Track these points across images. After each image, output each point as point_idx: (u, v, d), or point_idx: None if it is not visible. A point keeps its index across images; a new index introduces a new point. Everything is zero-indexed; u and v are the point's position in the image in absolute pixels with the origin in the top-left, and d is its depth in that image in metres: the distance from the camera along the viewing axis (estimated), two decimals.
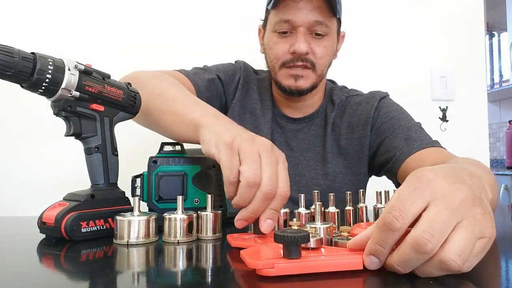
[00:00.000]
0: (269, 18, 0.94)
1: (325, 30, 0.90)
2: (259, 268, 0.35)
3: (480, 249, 0.34)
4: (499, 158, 3.38)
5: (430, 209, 0.34)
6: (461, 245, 0.33)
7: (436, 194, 0.35)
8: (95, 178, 0.57)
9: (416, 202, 0.34)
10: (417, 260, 0.33)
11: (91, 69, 0.54)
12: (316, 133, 1.00)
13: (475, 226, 0.34)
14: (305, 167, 0.97)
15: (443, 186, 0.35)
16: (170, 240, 0.49)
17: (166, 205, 0.59)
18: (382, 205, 0.57)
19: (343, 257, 0.37)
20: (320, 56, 0.91)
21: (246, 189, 0.48)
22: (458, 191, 0.35)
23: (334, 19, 0.92)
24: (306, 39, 0.89)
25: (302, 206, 0.54)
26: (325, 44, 0.91)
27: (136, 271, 0.40)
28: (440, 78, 1.53)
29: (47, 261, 0.45)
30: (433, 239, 0.32)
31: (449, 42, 1.55)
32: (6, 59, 0.45)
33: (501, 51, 3.43)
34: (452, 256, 0.32)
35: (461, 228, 0.33)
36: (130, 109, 0.61)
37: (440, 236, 0.33)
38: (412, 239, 0.33)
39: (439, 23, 1.55)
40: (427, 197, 0.34)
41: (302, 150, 0.99)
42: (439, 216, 0.33)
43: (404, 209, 0.34)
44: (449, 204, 0.34)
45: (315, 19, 0.88)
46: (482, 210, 0.35)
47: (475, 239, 0.34)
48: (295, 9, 0.88)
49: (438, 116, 1.52)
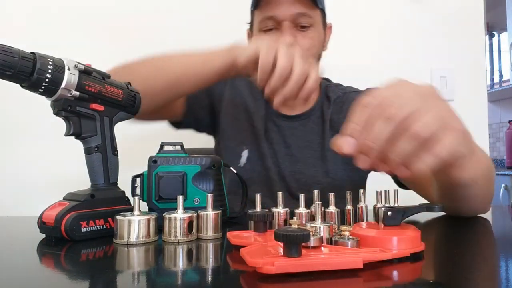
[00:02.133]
0: (254, 19, 0.96)
1: (309, 21, 0.91)
2: (259, 266, 0.34)
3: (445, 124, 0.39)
4: (499, 158, 3.38)
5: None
6: (427, 121, 0.37)
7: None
8: (95, 178, 0.57)
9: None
10: (386, 129, 0.38)
11: (91, 69, 0.54)
12: (313, 130, 0.99)
13: (439, 114, 0.39)
14: (304, 165, 0.96)
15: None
16: (170, 240, 0.49)
17: (166, 205, 0.59)
18: (382, 205, 0.57)
19: (343, 255, 0.37)
20: (307, 47, 0.91)
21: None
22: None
23: (317, 10, 0.93)
24: (291, 32, 0.90)
25: (302, 206, 0.54)
26: (311, 35, 0.92)
27: (136, 270, 0.40)
28: (440, 78, 1.53)
29: (47, 261, 0.45)
30: (395, 104, 0.37)
31: (449, 42, 1.55)
32: (6, 59, 0.45)
33: (501, 51, 3.43)
34: (420, 126, 0.37)
35: (428, 113, 0.38)
36: (130, 109, 0.61)
37: (403, 107, 0.37)
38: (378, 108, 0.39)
39: (439, 23, 1.55)
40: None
41: (300, 147, 0.98)
42: (404, 95, 0.39)
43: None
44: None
45: (298, 11, 0.89)
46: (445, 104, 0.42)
47: (439, 119, 0.38)
48: (277, 4, 0.89)
49: None
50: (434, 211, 0.43)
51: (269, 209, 0.54)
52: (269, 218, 0.49)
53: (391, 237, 0.40)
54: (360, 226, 0.44)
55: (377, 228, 0.43)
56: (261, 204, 0.53)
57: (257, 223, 0.49)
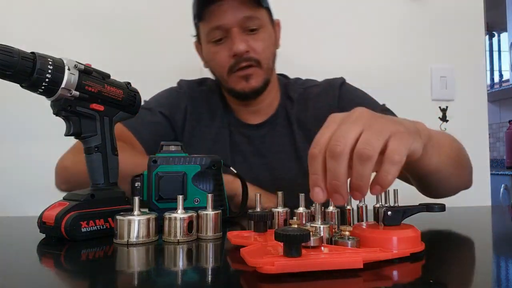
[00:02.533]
0: (201, 31, 0.94)
1: (257, 23, 0.89)
2: (259, 266, 0.34)
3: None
4: (499, 158, 3.38)
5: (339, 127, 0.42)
6: (366, 139, 0.39)
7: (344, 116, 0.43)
8: (95, 177, 0.57)
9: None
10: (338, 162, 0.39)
11: (91, 68, 0.54)
12: (282, 133, 0.98)
13: (376, 127, 0.41)
14: (281, 170, 0.95)
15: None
16: (170, 240, 0.49)
17: (166, 205, 0.59)
18: (382, 205, 0.57)
19: (343, 255, 0.37)
20: (261, 50, 0.90)
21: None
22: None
23: (262, 10, 0.90)
24: (242, 38, 0.88)
25: (302, 206, 0.54)
26: (262, 37, 0.90)
27: (136, 270, 0.40)
28: (440, 78, 1.53)
29: (47, 261, 0.45)
30: (340, 142, 0.39)
31: (449, 42, 1.55)
32: (6, 59, 0.45)
33: (501, 51, 3.43)
34: (360, 146, 0.39)
35: (365, 132, 0.40)
36: (130, 109, 0.61)
37: (344, 138, 0.40)
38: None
39: (439, 23, 1.55)
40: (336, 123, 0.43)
41: (273, 153, 0.97)
42: (341, 127, 0.41)
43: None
44: (350, 118, 0.43)
45: (244, 15, 0.87)
46: (384, 119, 0.43)
47: (378, 132, 0.40)
48: (221, 12, 0.86)
49: (438, 116, 1.52)
50: (434, 211, 0.43)
51: (269, 209, 0.54)
52: (269, 218, 0.49)
53: (391, 237, 0.40)
54: (360, 226, 0.44)
55: (377, 228, 0.43)
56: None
57: (257, 223, 0.49)
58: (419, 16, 1.54)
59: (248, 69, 0.89)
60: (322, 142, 0.41)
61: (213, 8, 0.87)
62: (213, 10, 0.87)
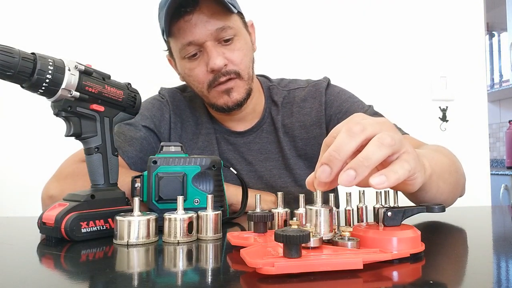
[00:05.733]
0: (172, 46, 0.88)
1: (231, 32, 0.83)
2: (259, 267, 0.34)
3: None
4: (499, 158, 3.38)
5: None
6: (391, 133, 0.39)
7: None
8: (95, 178, 0.57)
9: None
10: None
11: (91, 69, 0.55)
12: (268, 140, 0.96)
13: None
14: (270, 177, 0.94)
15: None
16: (170, 240, 0.49)
17: (166, 206, 0.59)
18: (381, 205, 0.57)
19: (343, 256, 0.37)
20: (239, 61, 0.85)
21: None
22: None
23: (234, 16, 0.85)
24: (218, 51, 0.82)
25: (302, 206, 0.54)
26: (238, 46, 0.85)
27: (136, 271, 0.40)
28: (440, 78, 1.53)
29: (47, 261, 0.45)
30: (362, 125, 0.39)
31: (449, 42, 1.55)
32: (6, 59, 0.45)
33: (501, 51, 3.43)
34: (384, 133, 0.39)
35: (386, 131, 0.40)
36: (130, 110, 0.61)
37: (366, 125, 0.39)
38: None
39: (439, 23, 1.55)
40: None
41: (260, 161, 0.95)
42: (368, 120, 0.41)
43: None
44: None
45: (216, 28, 0.81)
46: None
47: (400, 140, 0.40)
48: (191, 27, 0.80)
49: (438, 116, 1.52)
50: (434, 211, 0.43)
51: (269, 210, 0.54)
52: (269, 218, 0.49)
53: (391, 238, 0.40)
54: (360, 227, 0.44)
55: (377, 229, 0.43)
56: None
57: (257, 223, 0.49)
58: (419, 17, 1.54)
59: (228, 82, 0.85)
60: (343, 124, 0.41)
61: (181, 24, 0.81)
62: (182, 26, 0.81)
